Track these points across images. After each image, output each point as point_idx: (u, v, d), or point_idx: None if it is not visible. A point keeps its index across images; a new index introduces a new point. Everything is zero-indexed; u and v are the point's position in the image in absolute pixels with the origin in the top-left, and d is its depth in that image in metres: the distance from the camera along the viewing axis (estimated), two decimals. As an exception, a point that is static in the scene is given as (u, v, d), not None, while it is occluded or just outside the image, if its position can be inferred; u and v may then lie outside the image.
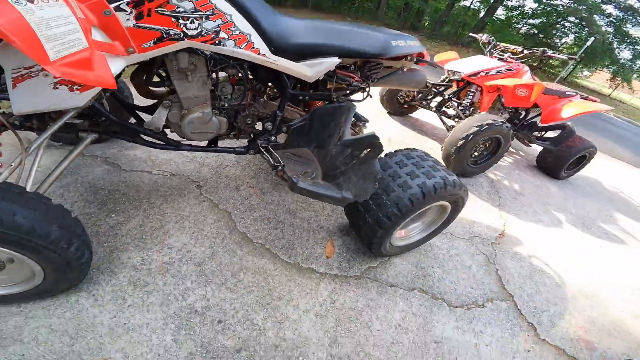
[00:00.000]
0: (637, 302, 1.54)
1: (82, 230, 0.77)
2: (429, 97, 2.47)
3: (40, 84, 0.66)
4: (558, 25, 15.24)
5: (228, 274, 1.04)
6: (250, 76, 1.07)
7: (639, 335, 1.35)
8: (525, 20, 16.30)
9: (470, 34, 2.89)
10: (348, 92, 1.21)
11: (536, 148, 2.87)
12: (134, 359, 0.76)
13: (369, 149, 0.98)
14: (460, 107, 2.26)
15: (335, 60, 0.99)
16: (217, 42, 0.82)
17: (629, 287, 1.61)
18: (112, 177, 1.30)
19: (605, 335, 1.30)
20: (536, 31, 15.77)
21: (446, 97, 2.29)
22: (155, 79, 0.98)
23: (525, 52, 2.27)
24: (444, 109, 2.35)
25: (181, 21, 0.76)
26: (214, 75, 0.96)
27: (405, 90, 2.53)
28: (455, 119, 2.31)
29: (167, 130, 1.09)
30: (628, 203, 2.63)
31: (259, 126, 1.16)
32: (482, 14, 16.10)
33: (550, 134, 2.58)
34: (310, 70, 0.97)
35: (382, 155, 1.08)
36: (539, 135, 2.58)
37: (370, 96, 1.22)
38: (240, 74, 0.97)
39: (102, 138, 1.17)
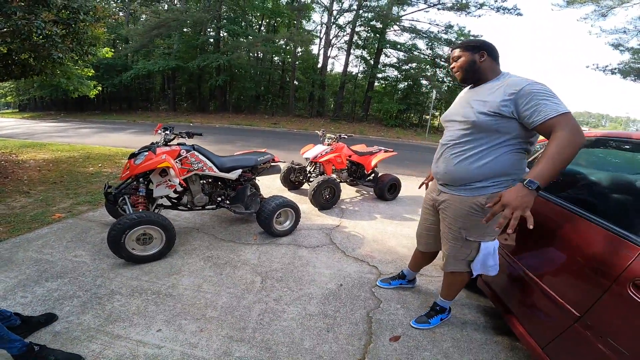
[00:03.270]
0: (405, 242, 3.26)
1: (174, 229, 2.55)
2: (303, 175, 4.61)
3: (163, 186, 2.59)
4: (416, 86, 20.46)
5: (217, 248, 2.83)
6: (212, 180, 3.06)
7: (401, 254, 2.98)
8: (394, 86, 21.54)
9: (316, 131, 5.14)
10: (247, 179, 3.24)
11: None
12: (191, 270, 2.48)
13: (253, 196, 3.05)
14: (316, 175, 4.43)
15: (239, 171, 3.05)
16: (202, 170, 2.80)
17: (403, 237, 3.45)
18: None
19: (382, 254, 2.96)
20: (406, 94, 20.83)
21: (307, 172, 4.48)
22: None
23: (335, 137, 4.50)
24: (311, 179, 4.47)
25: (192, 165, 2.74)
26: (202, 181, 2.92)
27: (293, 176, 4.66)
28: None
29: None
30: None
31: (219, 199, 3.10)
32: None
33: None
34: (233, 175, 3.02)
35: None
36: (368, 179, 4.86)
37: (258, 180, 3.34)
38: (210, 180, 2.96)
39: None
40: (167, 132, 2.82)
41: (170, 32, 18.23)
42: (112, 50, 11.86)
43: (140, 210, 2.51)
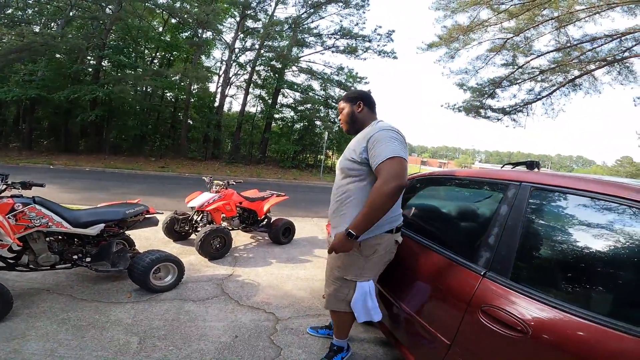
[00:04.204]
0: (301, 284, 3.31)
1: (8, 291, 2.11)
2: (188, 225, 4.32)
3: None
4: (311, 127, 21.42)
5: (77, 310, 2.39)
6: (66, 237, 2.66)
7: (298, 297, 3.01)
8: (291, 127, 22.14)
9: (203, 177, 4.91)
10: (113, 234, 2.94)
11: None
12: (40, 334, 2.01)
13: (121, 252, 2.79)
14: (204, 225, 4.15)
15: (102, 226, 2.70)
16: (48, 226, 2.41)
17: (300, 279, 3.50)
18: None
19: (279, 299, 2.93)
20: (302, 135, 21.60)
21: (194, 222, 4.25)
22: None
23: (223, 183, 4.43)
24: (198, 228, 4.15)
25: (32, 221, 2.33)
26: (48, 238, 2.51)
27: (178, 227, 4.26)
28: None
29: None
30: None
31: (75, 257, 2.70)
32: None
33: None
34: (92, 231, 2.66)
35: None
36: (261, 225, 4.84)
37: (129, 234, 3.13)
38: (61, 237, 2.59)
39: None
40: None
41: (36, 56, 15.56)
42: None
43: None
